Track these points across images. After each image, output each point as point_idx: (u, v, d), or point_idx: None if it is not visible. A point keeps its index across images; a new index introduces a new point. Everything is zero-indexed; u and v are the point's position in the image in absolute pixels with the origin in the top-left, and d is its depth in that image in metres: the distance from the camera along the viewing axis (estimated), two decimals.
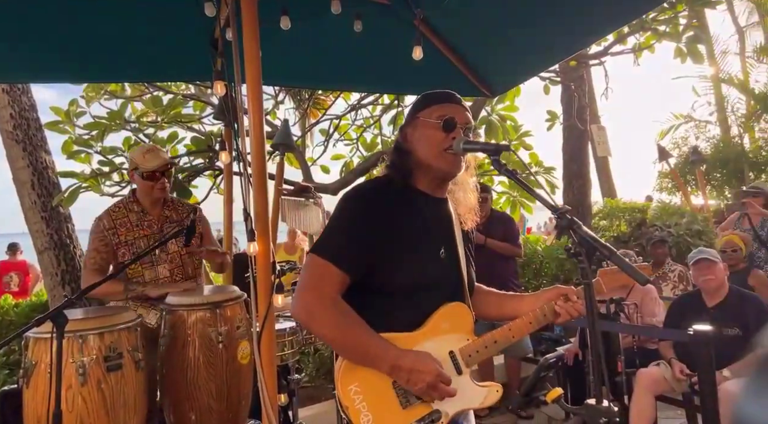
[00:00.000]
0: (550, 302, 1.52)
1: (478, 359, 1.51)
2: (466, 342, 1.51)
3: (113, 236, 2.73)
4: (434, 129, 1.50)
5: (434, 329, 1.48)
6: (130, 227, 2.77)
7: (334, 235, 1.48)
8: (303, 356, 4.83)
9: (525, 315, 1.54)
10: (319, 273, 1.42)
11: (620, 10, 2.74)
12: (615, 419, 1.11)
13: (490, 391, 1.52)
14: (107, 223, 2.74)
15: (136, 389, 2.14)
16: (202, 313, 2.38)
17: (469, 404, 1.50)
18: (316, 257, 1.44)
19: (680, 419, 3.75)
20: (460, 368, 1.49)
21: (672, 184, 13.77)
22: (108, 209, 2.82)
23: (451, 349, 1.49)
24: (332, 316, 1.40)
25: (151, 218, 2.82)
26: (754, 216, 5.49)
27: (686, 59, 5.67)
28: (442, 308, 1.50)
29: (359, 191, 1.56)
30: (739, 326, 3.26)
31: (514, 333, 1.52)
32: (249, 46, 2.19)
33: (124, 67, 3.33)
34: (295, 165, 6.05)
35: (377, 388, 1.43)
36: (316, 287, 1.42)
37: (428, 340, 1.47)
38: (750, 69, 11.95)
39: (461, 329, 1.51)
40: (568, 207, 1.28)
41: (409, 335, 1.46)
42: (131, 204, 2.83)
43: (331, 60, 3.52)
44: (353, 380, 1.44)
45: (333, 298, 1.41)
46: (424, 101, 1.59)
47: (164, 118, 4.85)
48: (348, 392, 1.43)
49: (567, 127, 7.96)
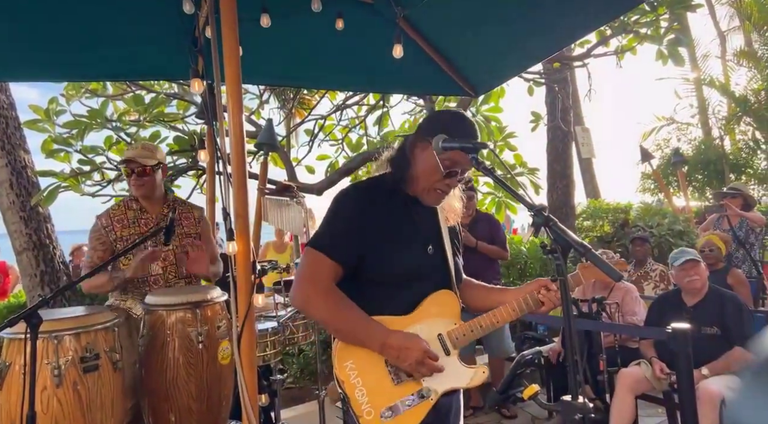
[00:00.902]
0: (533, 292, 1.60)
1: (464, 341, 1.62)
2: (454, 326, 1.62)
3: (110, 233, 2.75)
4: (436, 168, 1.57)
5: (423, 314, 1.60)
6: (126, 223, 2.79)
7: (328, 229, 1.61)
8: (287, 356, 4.80)
9: (509, 303, 1.62)
10: (315, 264, 1.56)
11: (598, 11, 2.77)
12: (590, 414, 1.12)
13: (476, 372, 1.63)
14: (105, 221, 2.77)
15: (113, 391, 2.11)
16: (182, 313, 2.36)
17: (457, 383, 1.61)
18: (312, 249, 1.58)
19: (661, 417, 3.80)
20: (448, 350, 1.60)
21: (654, 186, 13.94)
22: (108, 209, 2.87)
23: (439, 332, 1.61)
24: (326, 302, 1.54)
25: (149, 216, 2.83)
26: (732, 217, 5.58)
27: (667, 62, 5.74)
28: (431, 296, 1.62)
29: (353, 189, 1.70)
30: (718, 325, 3.30)
31: (498, 319, 1.62)
32: (228, 44, 2.17)
33: (105, 65, 3.29)
34: (280, 165, 6.02)
35: (371, 365, 1.55)
36: (311, 276, 1.56)
37: (418, 323, 1.59)
38: (730, 72, 12.16)
39: (449, 314, 1.64)
40: (544, 205, 1.30)
41: (400, 318, 1.58)
42: (131, 202, 2.86)
43: (315, 59, 3.51)
44: (349, 358, 1.57)
45: (327, 286, 1.54)
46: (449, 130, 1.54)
47: (147, 117, 4.80)
48: (344, 368, 1.56)
49: (551, 129, 8.02)
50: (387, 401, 1.54)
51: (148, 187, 2.80)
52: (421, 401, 1.54)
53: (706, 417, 2.91)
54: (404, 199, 1.64)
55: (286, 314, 3.09)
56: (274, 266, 3.05)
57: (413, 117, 6.68)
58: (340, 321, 1.56)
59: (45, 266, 4.68)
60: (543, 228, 1.21)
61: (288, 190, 3.27)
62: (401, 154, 1.65)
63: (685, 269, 3.45)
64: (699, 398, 2.84)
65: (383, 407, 1.53)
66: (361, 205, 1.61)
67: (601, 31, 5.70)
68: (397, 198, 1.63)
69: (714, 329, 3.31)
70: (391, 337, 1.51)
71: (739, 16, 12.59)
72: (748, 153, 13.07)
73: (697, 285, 3.43)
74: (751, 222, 5.53)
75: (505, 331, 4.25)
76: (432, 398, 1.55)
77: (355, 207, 1.61)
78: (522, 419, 4.10)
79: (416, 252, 1.62)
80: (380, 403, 1.54)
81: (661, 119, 14.48)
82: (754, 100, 10.91)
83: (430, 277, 1.63)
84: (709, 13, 16.95)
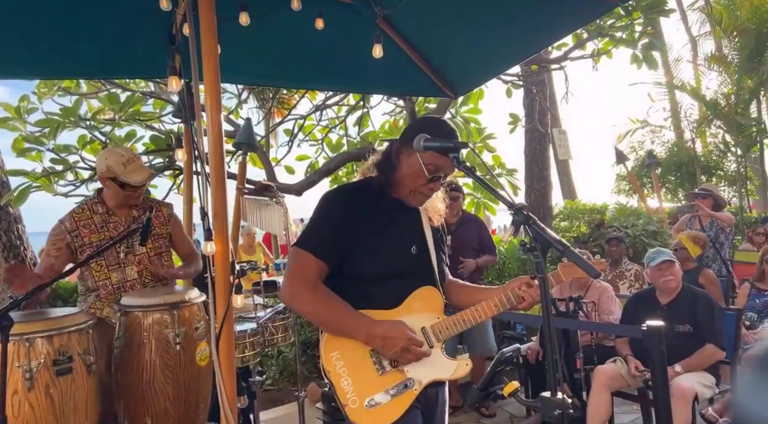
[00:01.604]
0: (514, 289, 1.65)
1: (447, 334, 1.68)
2: (437, 320, 1.67)
3: (76, 239, 2.61)
4: (420, 172, 1.63)
5: (408, 308, 1.66)
6: (95, 228, 2.66)
7: (314, 229, 1.68)
8: (266, 358, 4.76)
9: (491, 299, 1.68)
10: (301, 262, 1.63)
11: (574, 15, 2.82)
12: (569, 410, 1.13)
13: (459, 364, 1.68)
14: (69, 225, 2.62)
15: (87, 394, 2.07)
16: (158, 314, 2.32)
17: (441, 374, 1.66)
18: (298, 248, 1.65)
19: (636, 414, 3.86)
20: (431, 342, 1.65)
21: (629, 187, 14.21)
22: (71, 211, 2.70)
23: (423, 325, 1.66)
24: (312, 296, 1.61)
25: (117, 219, 2.72)
26: (703, 217, 5.72)
27: (642, 65, 5.86)
28: (415, 291, 1.67)
29: (340, 191, 1.79)
30: (691, 323, 3.37)
31: (480, 314, 1.67)
32: (206, 41, 2.14)
33: (79, 62, 3.22)
34: (259, 165, 5.97)
35: (356, 356, 1.60)
36: (298, 273, 1.63)
37: (402, 317, 1.64)
38: (702, 76, 12.44)
39: (433, 309, 1.69)
40: (524, 204, 1.32)
41: (385, 312, 1.64)
42: (96, 205, 2.71)
43: (295, 59, 3.49)
44: (335, 348, 1.62)
45: (313, 282, 1.61)
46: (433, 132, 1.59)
47: (122, 115, 4.71)
48: (330, 358, 1.61)
49: (529, 131, 8.11)
50: (372, 390, 1.58)
51: (137, 199, 2.74)
52: (405, 391, 1.59)
53: (680, 413, 2.97)
54: (390, 202, 1.70)
55: (266, 315, 3.06)
56: (253, 266, 3.02)
57: (393, 118, 6.70)
58: (326, 313, 1.62)
59: None
60: (523, 227, 1.22)
61: (267, 190, 3.25)
62: (387, 159, 1.71)
63: (660, 269, 3.51)
64: (672, 394, 2.90)
65: (368, 397, 1.57)
66: (347, 206, 1.67)
67: (578, 34, 5.80)
68: (382, 201, 1.69)
69: (687, 326, 3.38)
70: (377, 326, 1.57)
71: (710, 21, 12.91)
72: (719, 155, 13.42)
73: (672, 285, 3.50)
74: (721, 222, 5.68)
75: (488, 329, 4.27)
76: (416, 389, 1.60)
77: (342, 208, 1.67)
78: (500, 417, 4.13)
79: (400, 252, 1.69)
80: (365, 392, 1.58)
81: (636, 122, 14.77)
82: (725, 103, 11.18)
83: (415, 275, 1.69)
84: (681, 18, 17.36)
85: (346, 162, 5.91)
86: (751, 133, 11.01)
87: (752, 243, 6.75)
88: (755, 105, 11.30)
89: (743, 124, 10.79)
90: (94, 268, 2.62)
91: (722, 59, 11.44)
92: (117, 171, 2.62)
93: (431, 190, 1.67)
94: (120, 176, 2.62)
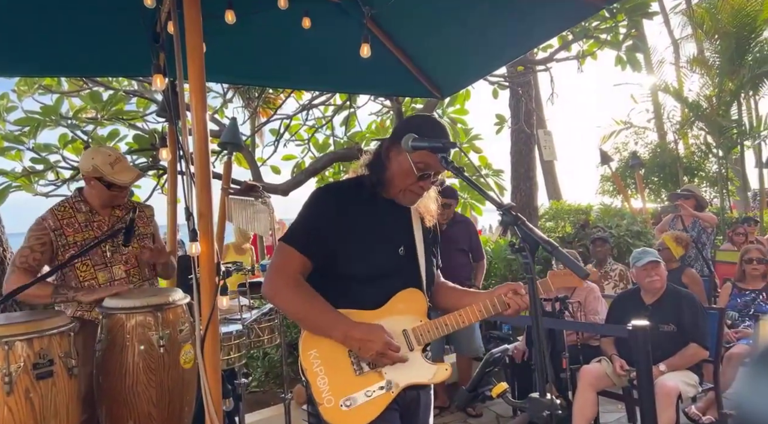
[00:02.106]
0: (501, 296, 1.63)
1: (429, 338, 1.65)
2: (419, 323, 1.65)
3: (59, 238, 2.54)
4: (410, 171, 1.62)
5: (390, 310, 1.64)
6: (78, 228, 2.59)
7: (300, 225, 1.68)
8: (252, 360, 4.72)
9: (475, 304, 1.66)
10: (285, 257, 1.63)
11: (560, 16, 2.84)
12: (557, 411, 1.13)
13: (439, 368, 1.66)
14: (52, 223, 2.54)
15: (68, 398, 2.02)
16: (142, 316, 2.28)
17: (419, 378, 1.63)
18: (283, 243, 1.65)
19: (620, 413, 3.90)
20: (412, 345, 1.63)
21: (613, 188, 14.36)
22: (52, 209, 2.61)
23: (404, 327, 1.64)
24: (293, 293, 1.60)
25: (101, 218, 2.66)
26: (686, 217, 5.79)
27: (626, 67, 5.93)
28: (398, 293, 1.65)
29: (328, 188, 1.78)
30: (675, 323, 3.41)
31: (463, 319, 1.65)
32: (191, 39, 2.11)
33: (60, 60, 3.17)
34: (244, 165, 5.93)
35: (334, 355, 1.59)
36: (281, 268, 1.63)
37: (384, 318, 1.62)
38: (684, 79, 12.60)
39: (415, 311, 1.67)
40: (512, 204, 1.31)
41: (367, 312, 1.62)
42: (78, 204, 2.64)
43: (282, 58, 3.47)
44: (313, 346, 1.61)
45: (295, 278, 1.60)
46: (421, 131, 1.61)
47: (104, 114, 4.64)
48: (308, 356, 1.60)
49: (515, 131, 8.16)
50: (348, 391, 1.57)
51: (123, 199, 2.70)
52: (381, 392, 1.57)
53: (664, 412, 3.00)
54: (380, 201, 1.68)
55: (251, 317, 3.03)
56: (238, 267, 2.99)
57: (380, 118, 6.69)
58: (305, 310, 1.61)
59: None
60: (511, 227, 1.22)
61: (253, 190, 3.22)
62: (377, 159, 1.70)
63: (646, 269, 3.54)
64: (656, 393, 2.93)
65: (344, 397, 1.56)
66: (335, 204, 1.67)
67: (563, 36, 5.84)
68: (372, 200, 1.68)
69: (671, 326, 3.41)
70: (355, 328, 1.55)
71: (691, 24, 13.09)
72: (701, 157, 13.61)
73: (657, 285, 3.53)
74: (703, 222, 5.75)
75: (476, 330, 4.28)
76: (393, 391, 1.58)
77: (329, 206, 1.66)
78: (487, 417, 4.14)
79: (387, 252, 1.67)
80: (341, 392, 1.57)
81: (620, 123, 14.93)
82: (706, 105, 11.35)
83: (400, 276, 1.67)
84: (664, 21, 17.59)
85: (332, 162, 5.89)
86: (732, 135, 11.18)
87: (733, 243, 6.86)
88: (736, 107, 11.48)
89: (724, 126, 10.96)
90: (79, 268, 2.55)
91: (704, 62, 11.61)
92: (104, 171, 2.57)
93: (422, 188, 1.66)
94: (107, 176, 2.57)
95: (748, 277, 4.40)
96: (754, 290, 4.34)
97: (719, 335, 3.51)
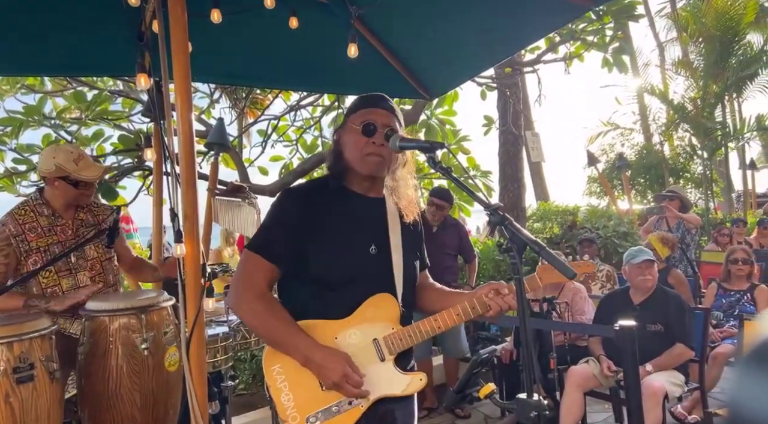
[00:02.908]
0: (480, 297, 1.55)
1: (401, 346, 1.56)
2: (391, 331, 1.56)
3: (22, 244, 2.42)
4: (356, 134, 1.57)
5: (360, 317, 1.55)
6: (41, 232, 2.47)
7: (264, 230, 1.61)
8: (239, 362, 4.68)
9: (453, 307, 1.57)
10: (250, 266, 1.55)
11: (547, 18, 2.85)
12: (545, 412, 1.12)
13: (413, 379, 1.57)
14: (14, 228, 2.41)
15: (50, 402, 1.98)
16: (125, 319, 2.24)
17: (390, 390, 1.54)
18: (248, 251, 1.57)
19: (608, 413, 3.92)
20: (383, 356, 1.55)
21: (600, 189, 14.48)
22: (12, 213, 2.47)
23: (375, 336, 1.55)
24: (256, 306, 1.52)
25: (65, 222, 2.55)
26: (671, 218, 5.84)
27: (612, 69, 5.98)
28: (369, 299, 1.56)
29: (291, 190, 1.71)
30: (662, 323, 3.43)
31: (439, 324, 1.57)
32: (176, 38, 2.09)
33: (43, 59, 3.12)
34: (232, 166, 5.88)
35: (298, 370, 1.50)
36: (245, 279, 1.55)
37: (353, 327, 1.54)
38: (669, 81, 12.75)
39: (387, 318, 1.57)
40: (500, 204, 1.30)
41: (335, 321, 1.54)
42: (40, 207, 2.52)
43: (269, 58, 3.45)
44: (277, 362, 1.53)
45: (261, 290, 1.53)
46: (353, 106, 1.67)
47: (88, 114, 4.58)
48: (271, 372, 1.52)
49: (503, 133, 8.18)
50: (314, 406, 1.49)
51: (89, 198, 2.63)
52: (350, 407, 1.49)
53: (651, 412, 3.02)
54: (350, 197, 1.62)
55: (238, 319, 3.00)
56: (225, 269, 2.96)
57: None
58: (266, 328, 1.54)
59: None
60: (498, 227, 1.21)
61: (240, 191, 3.19)
62: (332, 152, 1.65)
63: (641, 267, 3.57)
64: (643, 393, 2.94)
65: (310, 413, 1.48)
66: (299, 205, 1.58)
67: (551, 37, 5.88)
68: (341, 197, 1.60)
69: (658, 326, 3.44)
70: (315, 352, 1.46)
71: (676, 27, 13.25)
72: (686, 158, 13.78)
73: (648, 284, 3.56)
74: (687, 223, 5.81)
75: (461, 331, 4.29)
76: (362, 406, 1.49)
77: (293, 207, 1.58)
78: (475, 418, 4.14)
79: (357, 252, 1.58)
80: (307, 408, 1.48)
81: (606, 125, 15.08)
82: (691, 107, 11.49)
83: (371, 279, 1.57)
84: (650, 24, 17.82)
85: (321, 163, 5.85)
86: (716, 137, 11.33)
87: (717, 243, 6.93)
88: (720, 109, 11.63)
89: (709, 127, 11.10)
90: (42, 274, 2.43)
91: (689, 64, 11.76)
92: (69, 169, 2.47)
93: (374, 144, 1.54)
94: (72, 174, 2.47)
95: (734, 277, 4.45)
96: (739, 290, 4.39)
97: (704, 335, 3.54)
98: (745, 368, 0.44)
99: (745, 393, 0.44)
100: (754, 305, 4.28)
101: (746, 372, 0.44)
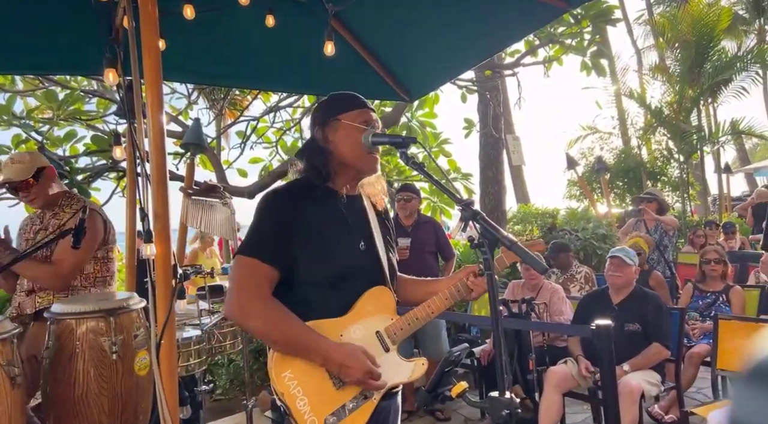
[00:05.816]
0: (463, 280, 1.61)
1: (402, 335, 1.61)
2: (391, 322, 1.60)
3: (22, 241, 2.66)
4: (358, 131, 1.56)
5: (360, 313, 1.57)
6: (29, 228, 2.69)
7: (257, 234, 1.54)
8: (216, 367, 4.61)
9: (441, 293, 1.62)
10: (249, 271, 1.48)
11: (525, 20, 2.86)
12: (516, 409, 1.10)
13: (416, 365, 1.63)
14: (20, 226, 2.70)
15: (11, 409, 1.91)
16: (93, 322, 2.18)
17: (399, 378, 1.59)
18: (242, 256, 1.50)
19: (586, 414, 3.93)
20: (387, 346, 1.58)
21: (580, 192, 14.63)
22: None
23: (377, 329, 1.58)
24: (266, 312, 1.46)
25: (46, 220, 2.65)
26: (648, 221, 5.91)
27: (591, 72, 6.05)
28: (365, 294, 1.57)
29: (276, 190, 1.64)
30: (640, 322, 3.45)
31: (432, 309, 1.61)
32: (147, 35, 2.04)
33: (11, 57, 3.04)
34: (210, 168, 5.80)
35: (310, 372, 1.49)
36: (247, 285, 1.47)
37: (355, 323, 1.55)
38: (647, 85, 12.98)
39: (385, 310, 1.61)
40: (472, 199, 1.29)
41: (337, 320, 1.54)
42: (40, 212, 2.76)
43: (246, 58, 3.40)
44: (286, 368, 1.49)
45: (265, 295, 1.47)
46: (344, 105, 1.63)
47: (60, 114, 4.47)
48: (282, 379, 1.48)
49: (483, 135, 8.22)
50: (330, 406, 1.48)
51: (40, 199, 2.63)
52: (365, 402, 1.51)
53: (627, 411, 3.03)
54: (332, 196, 1.61)
55: (211, 322, 2.94)
56: (198, 270, 2.90)
57: None
58: (280, 333, 1.47)
59: None
60: (470, 222, 1.20)
61: (213, 191, 3.12)
62: (316, 152, 1.59)
63: (613, 263, 3.62)
64: (620, 392, 2.95)
65: (327, 414, 1.47)
66: (288, 206, 1.55)
67: (530, 41, 5.92)
68: (324, 196, 1.59)
69: (636, 326, 3.46)
70: (334, 351, 1.46)
71: (653, 33, 13.50)
72: (663, 162, 13.99)
73: (617, 282, 3.59)
74: (665, 225, 5.88)
75: (442, 333, 4.26)
76: (375, 398, 1.53)
77: (282, 208, 1.55)
78: (455, 420, 4.12)
79: (349, 249, 1.59)
80: (323, 410, 1.47)
81: (586, 129, 15.26)
82: (668, 111, 11.69)
83: (364, 274, 1.60)
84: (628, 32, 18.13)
85: None
86: (692, 141, 11.53)
87: (693, 245, 7.03)
88: (696, 113, 11.85)
89: (685, 131, 11.29)
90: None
91: (665, 70, 11.97)
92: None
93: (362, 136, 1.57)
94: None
95: (708, 278, 4.50)
96: (715, 291, 4.44)
97: (680, 333, 3.57)
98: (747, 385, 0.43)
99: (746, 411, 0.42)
100: (729, 305, 4.33)
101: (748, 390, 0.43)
